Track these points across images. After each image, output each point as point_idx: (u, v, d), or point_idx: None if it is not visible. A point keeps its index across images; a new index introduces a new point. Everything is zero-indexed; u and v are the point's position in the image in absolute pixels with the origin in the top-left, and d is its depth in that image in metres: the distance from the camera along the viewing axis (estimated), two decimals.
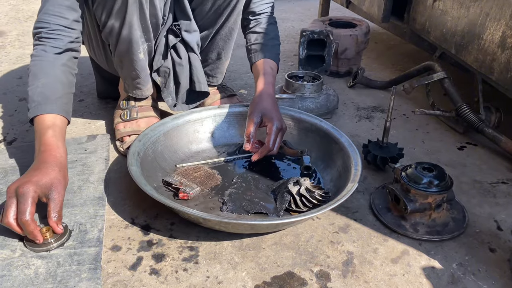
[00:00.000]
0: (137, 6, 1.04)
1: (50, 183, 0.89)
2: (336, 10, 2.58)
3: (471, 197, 1.07)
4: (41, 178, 0.88)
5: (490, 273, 0.85)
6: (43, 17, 1.03)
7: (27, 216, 0.84)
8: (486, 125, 1.25)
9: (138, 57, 1.14)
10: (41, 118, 0.98)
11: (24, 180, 0.87)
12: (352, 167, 1.00)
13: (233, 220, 0.90)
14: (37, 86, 0.99)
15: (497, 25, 1.14)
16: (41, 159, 0.92)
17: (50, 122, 0.97)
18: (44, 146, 0.94)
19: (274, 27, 1.32)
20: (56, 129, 0.97)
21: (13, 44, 2.13)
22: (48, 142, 0.95)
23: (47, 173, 0.89)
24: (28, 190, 0.85)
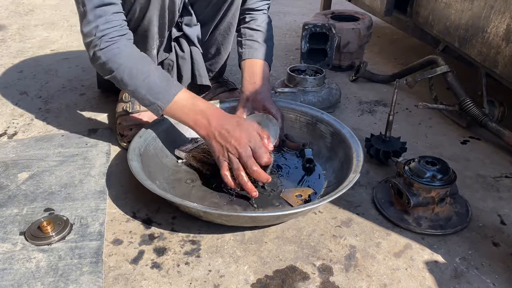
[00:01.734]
0: (160, 3, 1.03)
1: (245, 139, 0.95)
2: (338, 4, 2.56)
3: (474, 191, 1.06)
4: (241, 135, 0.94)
5: (493, 267, 0.85)
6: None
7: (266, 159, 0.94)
8: (489, 119, 1.24)
9: (152, 53, 1.14)
10: (179, 95, 1.00)
11: (237, 140, 0.93)
12: (354, 158, 1.00)
13: (233, 212, 0.89)
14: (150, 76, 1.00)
15: (501, 18, 1.13)
16: (211, 114, 0.98)
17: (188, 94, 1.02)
18: (202, 108, 1.00)
19: (269, 26, 1.31)
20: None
21: (14, 38, 2.12)
22: (203, 104, 1.01)
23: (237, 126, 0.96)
24: (257, 143, 0.94)
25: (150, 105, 1.01)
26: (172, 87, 1.01)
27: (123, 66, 0.99)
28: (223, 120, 0.97)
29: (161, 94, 0.99)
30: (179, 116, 1.02)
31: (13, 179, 1.06)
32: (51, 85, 1.62)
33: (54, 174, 1.08)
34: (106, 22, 0.97)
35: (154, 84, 0.99)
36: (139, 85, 0.99)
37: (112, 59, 0.98)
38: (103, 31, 0.97)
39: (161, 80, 1.01)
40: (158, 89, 0.99)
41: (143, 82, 0.99)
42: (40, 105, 1.47)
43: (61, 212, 0.96)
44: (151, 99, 1.00)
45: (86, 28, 0.98)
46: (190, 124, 1.00)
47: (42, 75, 1.70)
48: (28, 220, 0.93)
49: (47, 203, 0.99)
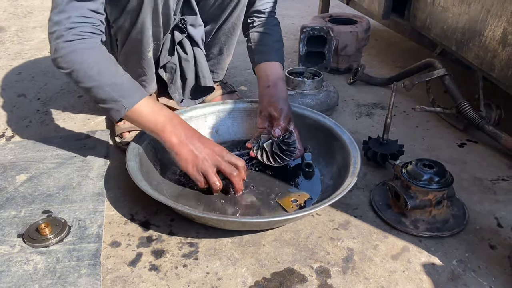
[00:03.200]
0: (152, 6, 1.03)
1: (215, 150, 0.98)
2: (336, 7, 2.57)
3: (471, 194, 1.07)
4: (210, 149, 0.97)
5: (490, 270, 0.85)
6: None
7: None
8: (486, 122, 1.25)
9: (147, 56, 1.13)
10: (145, 100, 0.97)
11: (200, 157, 0.95)
12: (351, 165, 1.00)
13: (223, 217, 0.89)
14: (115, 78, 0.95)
15: (498, 21, 1.14)
16: (178, 123, 0.98)
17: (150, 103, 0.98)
18: (168, 115, 0.98)
19: (278, 28, 1.30)
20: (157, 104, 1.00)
21: (12, 40, 2.12)
22: (167, 112, 0.99)
23: (203, 142, 0.98)
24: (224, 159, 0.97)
25: (111, 104, 0.94)
26: (140, 91, 0.98)
27: (89, 61, 0.92)
28: (193, 132, 0.99)
29: (128, 93, 0.94)
30: (145, 120, 0.96)
31: (11, 181, 1.06)
32: (49, 87, 1.62)
33: (52, 176, 1.08)
34: (80, 15, 0.91)
35: (121, 83, 0.94)
36: (104, 82, 0.93)
37: (76, 52, 0.91)
38: (74, 23, 0.90)
39: (129, 82, 0.97)
40: (125, 88, 0.95)
41: (109, 80, 0.93)
42: (38, 107, 1.47)
43: (59, 215, 0.96)
44: (115, 97, 0.93)
45: (57, 17, 0.90)
46: (158, 129, 0.96)
47: (40, 77, 1.70)
48: (26, 222, 0.93)
49: (45, 205, 0.99)
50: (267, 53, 1.23)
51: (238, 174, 0.98)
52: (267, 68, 1.20)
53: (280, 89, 1.15)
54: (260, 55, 1.23)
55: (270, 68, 1.20)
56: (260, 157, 1.09)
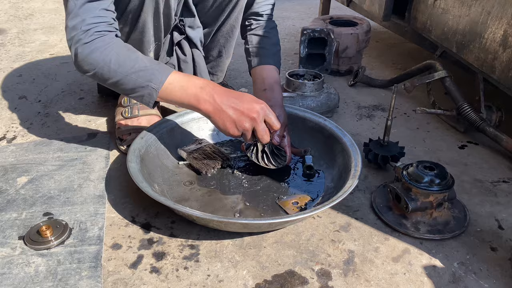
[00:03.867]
0: (153, 6, 1.03)
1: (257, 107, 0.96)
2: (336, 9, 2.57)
3: (472, 196, 1.06)
4: (248, 106, 0.95)
5: (491, 272, 0.85)
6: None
7: (278, 125, 0.99)
8: (487, 124, 1.25)
9: (148, 56, 1.13)
10: (172, 75, 0.95)
11: (250, 109, 0.95)
12: (352, 167, 1.00)
13: (224, 219, 0.89)
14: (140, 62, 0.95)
15: (498, 23, 1.14)
16: (212, 89, 0.95)
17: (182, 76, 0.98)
18: (200, 84, 0.96)
19: (275, 31, 1.31)
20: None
21: (13, 42, 2.12)
22: (199, 81, 0.97)
23: (239, 99, 0.96)
24: (261, 118, 0.96)
25: (141, 90, 0.94)
26: (165, 68, 0.95)
27: (110, 56, 0.92)
28: (227, 93, 0.95)
29: (154, 75, 0.93)
30: (177, 96, 0.94)
31: (12, 184, 1.06)
32: (50, 89, 1.62)
33: (53, 179, 1.08)
34: (94, 16, 0.92)
35: (144, 67, 0.93)
36: (129, 71, 0.93)
37: (96, 51, 0.92)
38: (90, 25, 0.92)
39: (152, 63, 0.95)
40: (149, 71, 0.93)
41: (133, 68, 0.93)
42: (39, 109, 1.47)
43: (60, 217, 0.96)
44: (143, 82, 0.93)
45: (72, 22, 0.92)
46: (192, 102, 0.94)
47: (41, 79, 1.71)
48: (27, 224, 0.93)
49: (46, 207, 0.99)
50: (264, 56, 1.23)
51: (280, 126, 0.99)
52: (264, 71, 1.20)
53: (276, 93, 1.15)
54: (257, 58, 1.24)
55: (267, 71, 1.20)
56: (255, 159, 1.08)
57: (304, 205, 1.00)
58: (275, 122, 0.98)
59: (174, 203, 0.89)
